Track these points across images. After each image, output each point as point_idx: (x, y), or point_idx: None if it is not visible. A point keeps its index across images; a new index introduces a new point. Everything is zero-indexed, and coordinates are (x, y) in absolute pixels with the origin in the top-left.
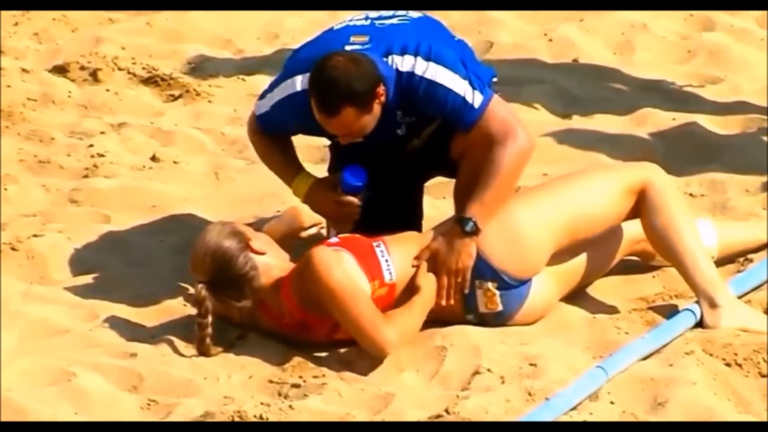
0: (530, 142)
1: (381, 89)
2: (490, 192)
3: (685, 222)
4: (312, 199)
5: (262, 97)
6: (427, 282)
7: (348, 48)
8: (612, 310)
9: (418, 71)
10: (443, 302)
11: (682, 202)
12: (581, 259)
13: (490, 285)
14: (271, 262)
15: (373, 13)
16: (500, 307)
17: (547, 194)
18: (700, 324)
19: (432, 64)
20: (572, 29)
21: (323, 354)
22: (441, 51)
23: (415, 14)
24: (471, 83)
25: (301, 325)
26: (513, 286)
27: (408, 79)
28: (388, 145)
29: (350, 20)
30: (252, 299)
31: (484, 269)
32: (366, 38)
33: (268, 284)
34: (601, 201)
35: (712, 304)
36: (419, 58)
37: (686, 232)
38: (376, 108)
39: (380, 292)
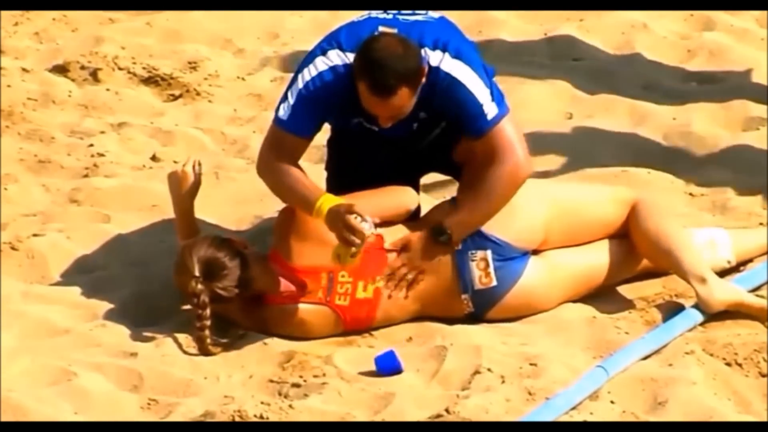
0: (528, 168)
1: (425, 69)
2: (476, 212)
3: (676, 225)
4: (331, 216)
5: (279, 105)
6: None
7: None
8: (612, 309)
9: (445, 67)
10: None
11: (672, 216)
12: (582, 265)
13: (483, 254)
14: (253, 250)
15: (392, 10)
16: (494, 282)
17: (539, 179)
18: (700, 321)
19: (459, 64)
20: (572, 29)
21: (324, 353)
22: (469, 54)
23: (435, 14)
24: (492, 93)
25: (300, 287)
26: (507, 256)
27: (434, 73)
28: (396, 139)
29: (368, 14)
30: (247, 291)
31: (476, 239)
32: (395, 30)
33: (257, 266)
34: (592, 194)
35: (703, 281)
36: (447, 55)
37: (677, 231)
38: (419, 87)
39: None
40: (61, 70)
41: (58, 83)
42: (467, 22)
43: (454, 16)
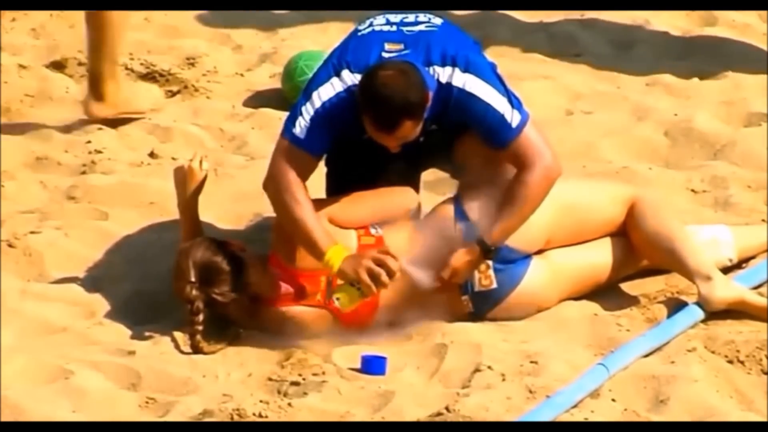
0: (558, 169)
1: (429, 96)
2: (514, 218)
3: (677, 223)
4: (349, 260)
5: (292, 122)
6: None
7: (385, 55)
8: (613, 307)
9: (456, 83)
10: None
11: (673, 214)
12: (584, 265)
13: None
14: (251, 252)
15: (394, 17)
16: (494, 284)
17: None
18: (702, 318)
19: (470, 77)
20: (573, 24)
21: (323, 351)
22: (478, 63)
23: (437, 20)
24: (510, 101)
25: (299, 290)
26: (508, 259)
27: (446, 90)
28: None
29: (370, 24)
30: (245, 295)
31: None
32: (401, 46)
33: (255, 270)
34: (595, 194)
35: (708, 278)
36: (457, 69)
37: (678, 229)
38: (424, 114)
39: (366, 240)
40: (58, 66)
41: (56, 79)
42: (468, 18)
43: (454, 12)
